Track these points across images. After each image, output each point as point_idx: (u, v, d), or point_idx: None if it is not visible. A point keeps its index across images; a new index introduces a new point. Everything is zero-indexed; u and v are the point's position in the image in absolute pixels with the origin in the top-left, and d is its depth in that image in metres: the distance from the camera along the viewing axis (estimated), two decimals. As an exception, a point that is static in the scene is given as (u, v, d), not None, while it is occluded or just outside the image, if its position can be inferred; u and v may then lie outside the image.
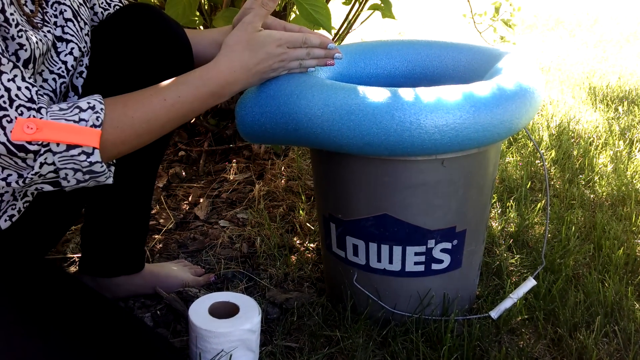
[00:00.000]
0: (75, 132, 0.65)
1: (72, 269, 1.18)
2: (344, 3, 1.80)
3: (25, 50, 0.69)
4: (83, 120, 0.66)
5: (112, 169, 0.72)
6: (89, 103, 0.68)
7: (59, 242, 1.20)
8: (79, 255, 1.11)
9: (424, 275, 0.98)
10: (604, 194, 1.54)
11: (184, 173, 1.61)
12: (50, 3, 0.79)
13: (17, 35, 0.68)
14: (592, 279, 1.13)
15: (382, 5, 1.64)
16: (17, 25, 0.68)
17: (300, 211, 1.39)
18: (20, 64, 0.68)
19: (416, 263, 0.97)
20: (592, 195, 1.53)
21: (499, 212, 1.43)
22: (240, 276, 1.16)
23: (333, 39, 1.71)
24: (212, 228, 1.35)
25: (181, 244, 1.28)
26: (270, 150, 1.71)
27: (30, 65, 0.70)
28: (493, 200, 1.47)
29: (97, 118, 0.67)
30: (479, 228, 1.00)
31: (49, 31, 0.77)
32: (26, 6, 0.75)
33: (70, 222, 0.94)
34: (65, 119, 0.65)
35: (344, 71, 1.10)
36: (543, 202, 1.47)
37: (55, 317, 0.72)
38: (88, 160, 0.66)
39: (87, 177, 0.68)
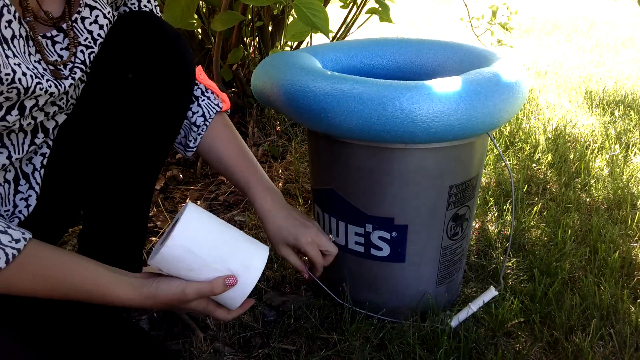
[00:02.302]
0: None
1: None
2: (342, 7, 1.81)
3: (11, 100, 0.66)
4: None
5: None
6: None
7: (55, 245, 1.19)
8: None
9: (364, 257, 1.01)
10: (600, 197, 1.55)
11: (181, 175, 1.61)
12: (80, 49, 0.77)
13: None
14: (588, 282, 1.13)
15: (379, 9, 1.65)
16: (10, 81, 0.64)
17: (298, 214, 1.39)
18: None
19: (357, 243, 1.01)
20: (588, 199, 1.54)
21: (495, 215, 1.43)
22: (237, 279, 1.16)
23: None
24: (209, 230, 1.35)
25: (178, 247, 1.28)
26: (267, 153, 1.71)
27: (15, 112, 0.68)
28: (490, 204, 1.47)
29: None
30: (429, 232, 0.99)
31: (79, 78, 0.76)
32: (54, 52, 0.74)
33: (66, 226, 0.94)
34: None
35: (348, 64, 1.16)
36: (540, 205, 1.48)
37: (47, 320, 0.72)
38: None
39: None
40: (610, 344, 1.00)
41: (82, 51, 0.77)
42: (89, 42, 0.78)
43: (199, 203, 1.46)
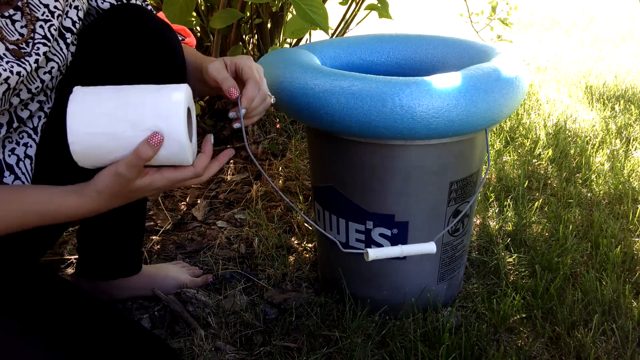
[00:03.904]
0: None
1: (70, 270, 1.18)
2: (340, 3, 1.80)
3: None
4: None
5: None
6: None
7: (53, 246, 1.19)
8: (77, 257, 1.11)
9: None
10: (601, 192, 1.55)
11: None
12: (39, 25, 0.77)
13: None
14: (589, 277, 1.13)
15: (378, 5, 1.64)
16: None
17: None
18: None
19: (357, 240, 1.00)
20: (589, 194, 1.54)
21: (496, 211, 1.43)
22: (238, 277, 1.16)
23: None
24: (210, 229, 1.35)
25: (179, 245, 1.28)
26: (267, 151, 1.71)
27: None
28: (490, 200, 1.47)
29: None
30: (429, 228, 0.98)
31: (43, 53, 0.76)
32: (15, 31, 0.74)
33: (63, 225, 0.94)
34: None
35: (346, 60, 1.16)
36: (541, 200, 1.47)
37: (48, 319, 0.71)
38: None
39: None
40: (612, 339, 1.00)
41: (41, 26, 0.77)
42: (47, 16, 0.78)
43: (199, 201, 1.46)
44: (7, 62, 0.71)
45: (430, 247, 0.83)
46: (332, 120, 0.86)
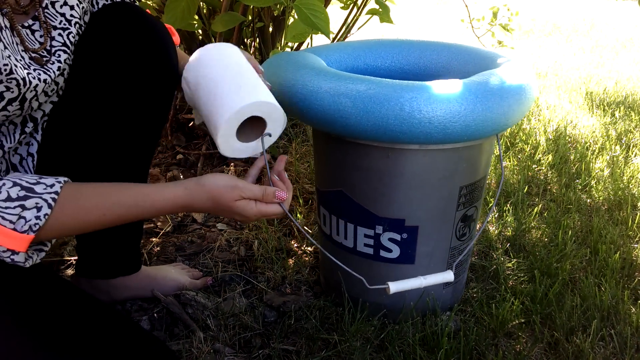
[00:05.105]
0: (6, 236, 0.65)
1: (69, 271, 1.18)
2: (342, 8, 1.81)
3: (12, 92, 0.69)
4: (22, 218, 0.66)
5: (35, 258, 0.72)
6: (37, 203, 0.66)
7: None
8: (76, 257, 1.11)
9: (373, 259, 1.01)
10: (601, 198, 1.55)
11: (182, 176, 1.61)
12: (57, 33, 0.79)
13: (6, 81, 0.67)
14: (588, 283, 1.13)
15: (380, 10, 1.65)
16: (9, 73, 0.67)
17: (298, 214, 1.39)
18: None
19: (366, 245, 1.00)
20: (588, 200, 1.54)
21: (496, 216, 1.43)
22: (237, 279, 1.16)
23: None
24: (210, 231, 1.35)
25: (179, 247, 1.28)
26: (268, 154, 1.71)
27: (16, 104, 0.70)
28: (490, 205, 1.47)
29: (35, 224, 0.66)
30: (439, 233, 0.99)
31: (64, 60, 0.78)
32: (35, 40, 0.75)
33: None
34: (3, 217, 0.65)
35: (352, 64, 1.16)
36: (540, 206, 1.48)
37: (47, 320, 0.72)
38: (11, 257, 0.67)
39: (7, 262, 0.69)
40: (611, 344, 1.00)
41: (60, 34, 0.79)
42: (64, 25, 0.80)
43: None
44: (34, 70, 0.72)
45: (448, 276, 0.87)
46: (347, 123, 0.86)
